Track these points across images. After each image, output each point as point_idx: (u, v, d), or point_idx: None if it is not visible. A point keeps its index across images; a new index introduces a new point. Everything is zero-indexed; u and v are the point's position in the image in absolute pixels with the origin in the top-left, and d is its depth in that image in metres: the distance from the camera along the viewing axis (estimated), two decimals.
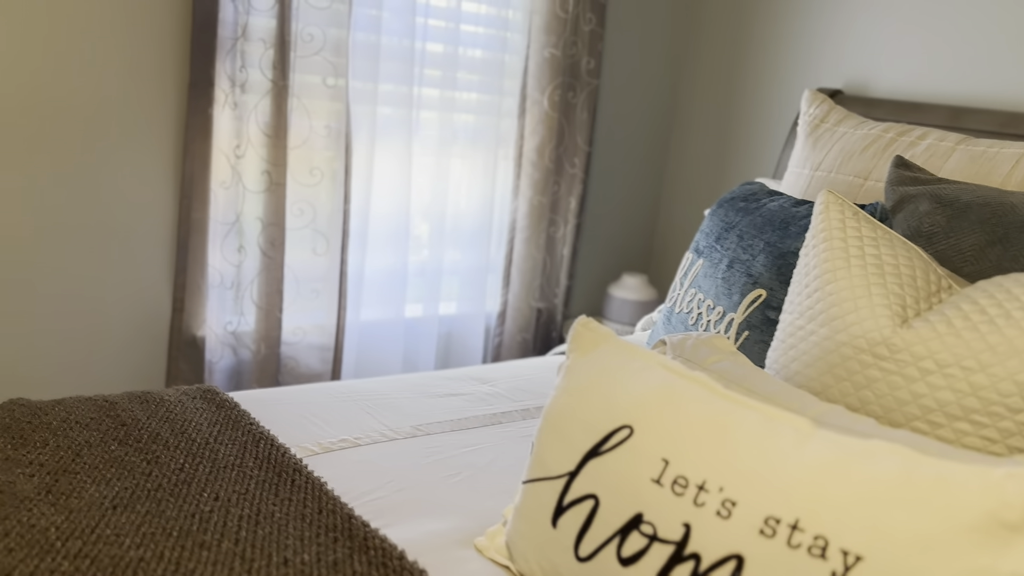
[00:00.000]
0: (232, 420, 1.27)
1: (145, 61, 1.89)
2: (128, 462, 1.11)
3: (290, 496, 1.07)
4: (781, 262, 1.28)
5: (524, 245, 2.50)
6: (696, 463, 0.81)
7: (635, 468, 0.84)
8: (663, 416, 0.86)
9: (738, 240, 1.37)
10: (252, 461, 1.15)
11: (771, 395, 0.98)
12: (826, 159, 1.58)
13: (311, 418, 1.37)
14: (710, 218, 1.50)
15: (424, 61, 2.23)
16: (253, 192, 2.00)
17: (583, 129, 2.49)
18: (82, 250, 1.91)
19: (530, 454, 0.99)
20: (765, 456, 0.79)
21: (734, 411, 0.84)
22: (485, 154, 2.40)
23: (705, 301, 1.37)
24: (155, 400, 1.31)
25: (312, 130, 2.05)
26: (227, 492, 1.06)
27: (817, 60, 2.34)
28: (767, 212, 1.38)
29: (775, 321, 1.26)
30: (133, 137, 1.91)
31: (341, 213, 2.12)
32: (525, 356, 2.62)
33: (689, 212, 2.76)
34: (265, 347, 2.08)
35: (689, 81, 2.75)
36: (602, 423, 0.90)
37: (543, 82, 2.39)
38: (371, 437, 1.32)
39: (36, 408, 1.25)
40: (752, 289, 1.29)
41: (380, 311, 2.34)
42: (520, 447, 1.34)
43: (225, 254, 2.01)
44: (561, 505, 0.90)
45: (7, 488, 1.03)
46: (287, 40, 1.93)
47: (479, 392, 1.58)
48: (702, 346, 1.08)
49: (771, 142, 2.49)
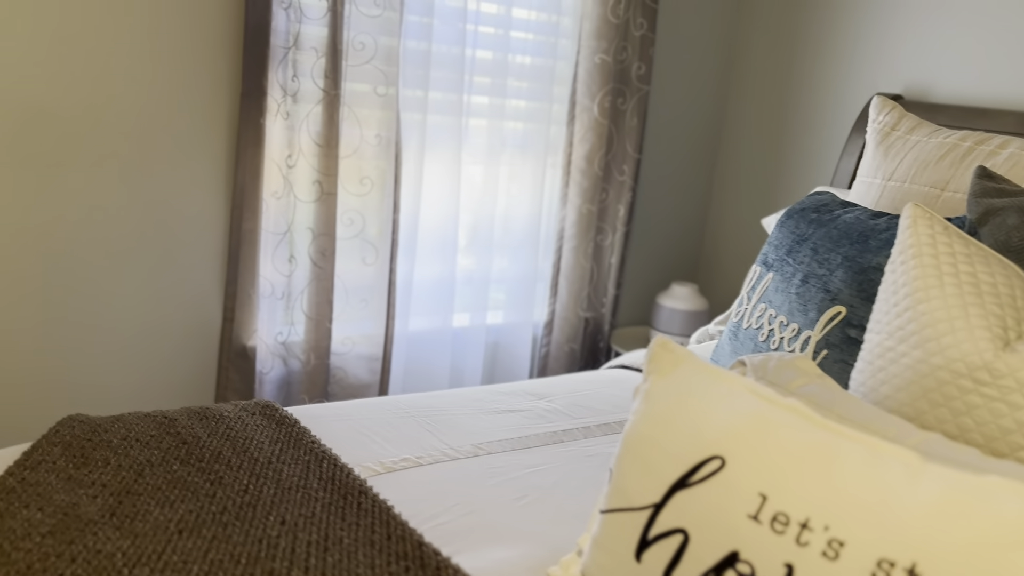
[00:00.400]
0: (293, 438, 1.24)
1: (198, 71, 1.88)
2: (191, 483, 1.09)
3: (357, 520, 1.04)
4: (862, 277, 1.22)
5: (572, 254, 2.46)
6: (797, 499, 0.76)
7: (729, 502, 0.80)
8: (758, 447, 0.81)
9: (812, 253, 1.32)
10: (316, 482, 1.12)
11: (865, 422, 0.93)
12: (899, 168, 1.52)
13: (371, 435, 1.34)
14: (779, 229, 1.45)
15: (474, 68, 2.20)
16: (304, 202, 1.99)
17: (633, 136, 2.44)
18: (134, 260, 1.91)
19: (608, 482, 0.95)
20: (874, 493, 0.74)
21: (835, 442, 0.79)
22: (534, 161, 2.37)
23: (777, 317, 1.32)
24: (214, 416, 1.29)
25: (363, 139, 2.03)
26: (293, 516, 1.03)
27: (874, 64, 2.27)
28: (843, 224, 1.32)
29: (856, 340, 1.21)
30: (185, 147, 1.90)
31: (390, 222, 2.10)
32: (572, 366, 2.57)
33: (739, 220, 2.70)
34: (315, 358, 2.07)
35: (740, 86, 2.69)
36: (689, 453, 0.85)
37: (593, 88, 2.35)
38: (432, 456, 1.29)
39: (96, 425, 1.23)
40: (830, 306, 1.24)
41: (428, 321, 2.31)
42: (584, 468, 1.30)
43: (276, 264, 1.99)
44: (646, 539, 0.86)
45: (71, 510, 1.01)
46: (339, 48, 1.91)
47: (537, 408, 1.54)
48: (786, 368, 1.03)
49: (826, 149, 2.42)
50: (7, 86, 1.70)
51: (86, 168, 1.81)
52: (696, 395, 0.90)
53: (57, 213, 1.80)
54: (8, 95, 1.70)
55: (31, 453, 1.14)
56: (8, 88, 1.70)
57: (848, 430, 0.80)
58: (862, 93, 2.31)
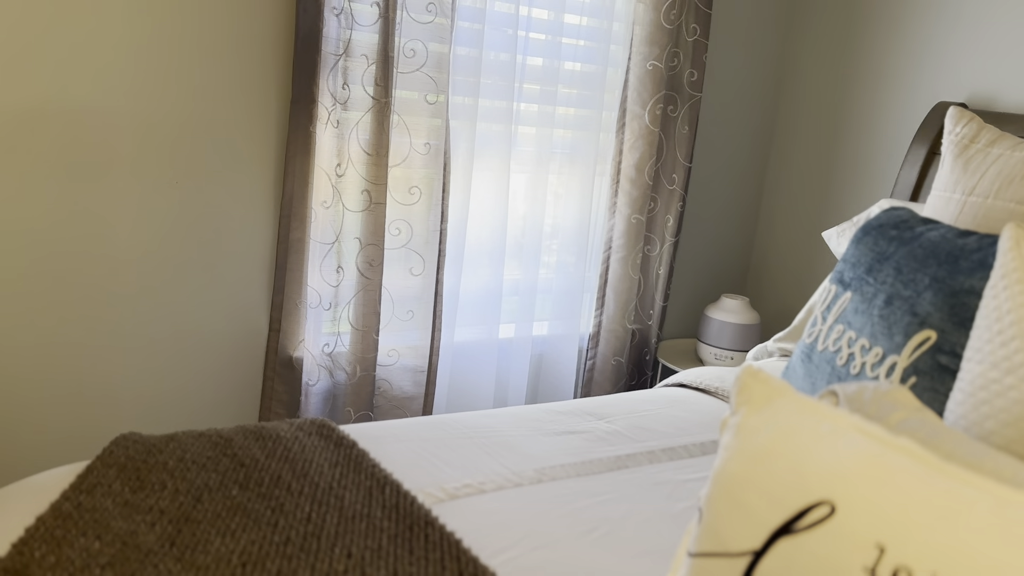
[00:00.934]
0: (352, 461, 1.20)
1: (248, 79, 1.84)
2: (252, 510, 1.05)
3: (426, 554, 0.99)
4: (953, 301, 1.15)
5: (619, 264, 2.40)
6: (921, 552, 0.70)
7: (842, 553, 0.74)
8: (872, 493, 0.75)
9: (896, 273, 1.25)
10: (380, 510, 1.07)
11: (975, 462, 0.86)
12: (981, 183, 1.45)
13: (430, 458, 1.30)
14: (855, 246, 1.38)
15: (524, 75, 2.15)
16: (352, 211, 1.95)
17: (683, 144, 2.38)
18: (182, 269, 1.88)
19: (697, 522, 0.89)
20: (1006, 549, 0.67)
21: (959, 490, 0.73)
22: (582, 170, 2.31)
23: (858, 340, 1.26)
24: (271, 436, 1.25)
25: (412, 147, 1.98)
26: (360, 548, 0.98)
27: (935, 72, 2.19)
28: (927, 243, 1.26)
29: (949, 368, 1.14)
30: (234, 156, 1.87)
31: (437, 232, 2.06)
32: (618, 380, 2.51)
33: (792, 231, 2.63)
34: (360, 369, 2.02)
35: (793, 93, 2.61)
36: (792, 496, 0.79)
37: (644, 96, 2.29)
38: (495, 482, 1.24)
39: (150, 445, 1.20)
40: (919, 330, 1.17)
41: (474, 332, 2.26)
42: (653, 497, 1.25)
43: (323, 274, 1.96)
44: None
45: (130, 539, 0.97)
46: (390, 56, 1.87)
47: (597, 430, 1.49)
48: (883, 400, 0.96)
49: (884, 160, 2.34)
50: (56, 93, 1.67)
51: (135, 176, 1.79)
52: (796, 432, 0.84)
53: (106, 221, 1.78)
54: (57, 102, 1.68)
55: (86, 476, 1.10)
56: (57, 95, 1.68)
57: (971, 475, 0.74)
58: (923, 101, 2.23)
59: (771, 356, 1.93)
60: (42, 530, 0.97)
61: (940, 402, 1.14)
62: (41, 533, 0.96)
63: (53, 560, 0.92)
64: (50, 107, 1.68)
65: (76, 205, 1.74)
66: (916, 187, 2.11)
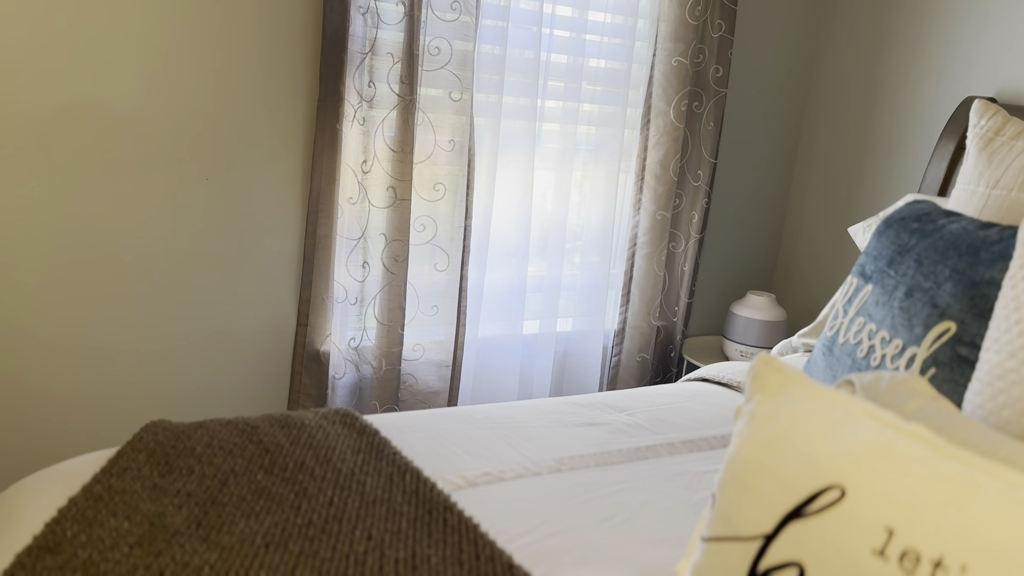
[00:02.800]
0: (375, 448, 1.22)
1: (276, 77, 1.88)
2: (276, 494, 1.08)
3: (444, 538, 1.01)
4: (973, 292, 1.15)
5: (644, 261, 2.40)
6: (929, 535, 0.70)
7: (851, 536, 0.74)
8: (882, 477, 0.75)
9: (916, 265, 1.24)
10: (400, 495, 1.09)
11: (990, 450, 0.86)
12: (1005, 176, 1.44)
13: (451, 447, 1.32)
14: (877, 239, 1.38)
15: (548, 72, 2.16)
16: (378, 208, 1.98)
17: (709, 140, 2.37)
18: (211, 264, 1.92)
19: (710, 507, 0.90)
20: (1015, 532, 0.68)
21: (969, 474, 0.73)
22: (607, 167, 2.32)
23: (879, 332, 1.25)
24: (296, 424, 1.27)
25: (436, 144, 2.01)
26: (379, 531, 1.01)
27: (964, 66, 2.16)
28: (948, 235, 1.25)
29: (968, 359, 1.13)
30: (262, 153, 1.91)
31: (462, 228, 2.08)
32: (643, 376, 2.51)
33: (819, 227, 2.61)
34: (386, 363, 2.05)
35: (820, 89, 2.60)
36: (803, 481, 0.80)
37: (669, 92, 2.29)
38: (514, 471, 1.26)
39: (179, 431, 1.23)
40: (938, 321, 1.16)
41: (498, 328, 2.28)
42: (672, 487, 1.25)
43: (350, 270, 1.99)
44: (755, 571, 0.81)
45: (158, 520, 1.00)
46: (415, 53, 1.90)
47: (617, 422, 1.50)
48: (899, 389, 0.96)
49: (912, 155, 2.32)
50: (88, 93, 1.72)
51: (165, 173, 1.83)
52: (808, 419, 0.85)
53: (134, 216, 1.83)
54: (90, 102, 1.73)
55: (116, 460, 1.14)
56: (90, 95, 1.73)
57: (981, 460, 0.74)
58: (951, 96, 2.21)
59: (796, 352, 1.92)
60: (74, 510, 1.00)
61: (960, 393, 1.14)
62: (73, 513, 1.00)
63: (84, 539, 0.95)
64: (83, 107, 1.72)
65: (109, 202, 1.79)
66: (944, 182, 2.09)
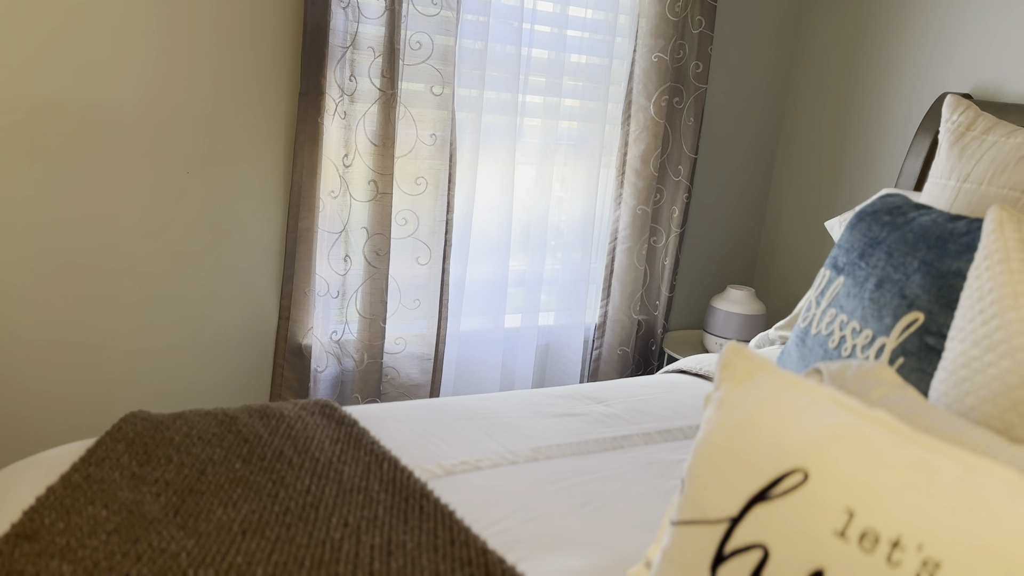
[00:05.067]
0: (353, 438, 1.23)
1: (257, 71, 1.89)
2: (254, 482, 1.09)
3: (420, 524, 1.02)
4: (941, 283, 1.17)
5: (625, 255, 2.42)
6: (888, 516, 0.72)
7: (813, 518, 0.76)
8: (844, 461, 0.77)
9: (887, 257, 1.27)
10: (378, 484, 1.11)
11: (952, 435, 0.88)
12: (975, 170, 1.46)
13: (429, 437, 1.33)
14: (849, 232, 1.40)
15: (529, 67, 2.18)
16: (360, 201, 1.98)
17: (689, 135, 2.39)
18: (192, 258, 1.92)
19: (679, 492, 0.92)
20: (972, 512, 0.70)
21: (928, 457, 0.75)
22: (588, 162, 2.34)
23: (849, 323, 1.28)
24: (275, 415, 1.28)
25: (418, 139, 2.02)
26: (356, 518, 1.02)
27: (941, 63, 2.19)
28: (918, 227, 1.27)
29: (935, 348, 1.16)
30: (243, 146, 1.92)
31: (444, 222, 2.09)
32: (624, 370, 2.54)
33: (798, 222, 2.64)
34: (368, 357, 2.06)
35: (800, 85, 2.62)
36: (769, 465, 0.82)
37: (649, 88, 2.31)
38: (492, 460, 1.27)
39: (158, 422, 1.24)
40: (907, 312, 1.19)
41: (480, 321, 2.29)
42: (646, 475, 1.27)
43: (331, 263, 2.00)
44: (722, 553, 0.82)
45: (135, 508, 1.01)
46: (396, 48, 1.90)
47: (595, 413, 1.52)
48: (865, 377, 0.98)
49: (890, 151, 2.35)
50: (68, 87, 1.72)
51: (145, 166, 1.83)
52: (774, 405, 0.87)
53: (116, 211, 1.83)
54: (70, 96, 1.73)
55: (95, 450, 1.14)
56: (70, 89, 1.72)
57: (940, 444, 0.76)
58: (928, 92, 2.24)
59: (773, 344, 1.95)
60: (52, 499, 1.01)
61: (927, 382, 1.16)
62: (51, 502, 1.00)
63: (62, 526, 0.96)
64: (63, 101, 1.72)
65: (90, 196, 1.79)
66: (920, 177, 2.12)
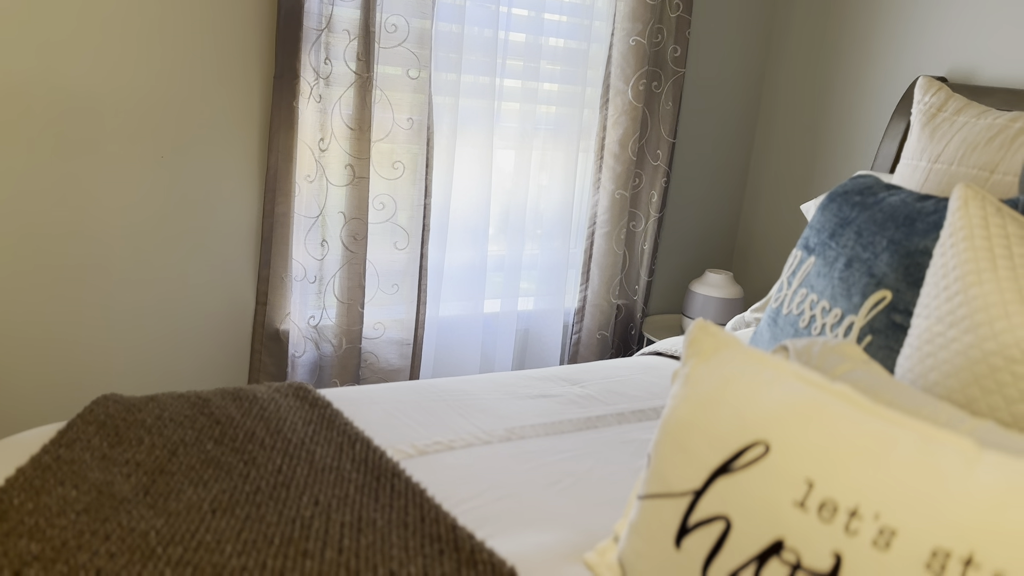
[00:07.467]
0: (326, 419, 1.23)
1: (231, 54, 1.87)
2: (225, 463, 1.09)
3: (391, 502, 1.02)
4: (908, 261, 1.19)
5: (604, 240, 2.43)
6: (846, 486, 0.74)
7: (774, 489, 0.77)
8: (804, 433, 0.78)
9: (856, 237, 1.28)
10: (350, 463, 1.11)
11: (914, 409, 0.89)
12: (946, 151, 1.48)
13: (403, 418, 1.33)
14: (821, 213, 1.41)
15: (507, 51, 2.17)
16: (336, 186, 1.98)
17: (667, 120, 2.40)
18: (167, 243, 1.91)
19: (646, 467, 0.92)
20: (928, 481, 0.71)
21: (886, 429, 0.76)
22: (566, 146, 2.34)
23: (820, 303, 1.29)
24: (248, 397, 1.28)
25: (395, 123, 2.01)
26: (327, 496, 1.02)
27: (917, 46, 2.21)
28: (888, 207, 1.29)
29: (902, 326, 1.17)
30: (218, 130, 1.90)
31: (421, 207, 2.09)
32: (604, 354, 2.55)
33: (776, 206, 2.65)
34: (346, 341, 2.06)
35: (778, 69, 2.63)
36: (732, 438, 0.83)
37: (627, 72, 2.31)
38: (465, 440, 1.28)
39: (130, 404, 1.23)
40: (875, 290, 1.20)
41: (459, 306, 2.30)
42: (619, 454, 1.28)
43: (308, 248, 1.99)
44: (686, 525, 0.83)
45: (106, 488, 1.01)
46: (371, 31, 1.90)
47: (569, 394, 1.52)
48: (831, 353, 0.99)
49: (867, 134, 2.37)
50: (41, 72, 1.70)
51: (119, 150, 1.82)
52: (739, 379, 0.88)
53: (91, 196, 1.81)
54: (43, 81, 1.71)
55: (66, 431, 1.14)
56: (41, 74, 1.71)
57: (899, 416, 0.78)
58: (905, 76, 2.25)
59: (748, 326, 1.96)
60: (21, 480, 1.01)
61: (894, 359, 1.18)
62: (21, 483, 1.00)
63: (31, 506, 0.95)
64: (33, 85, 1.71)
65: (64, 181, 1.78)
66: (896, 159, 2.13)
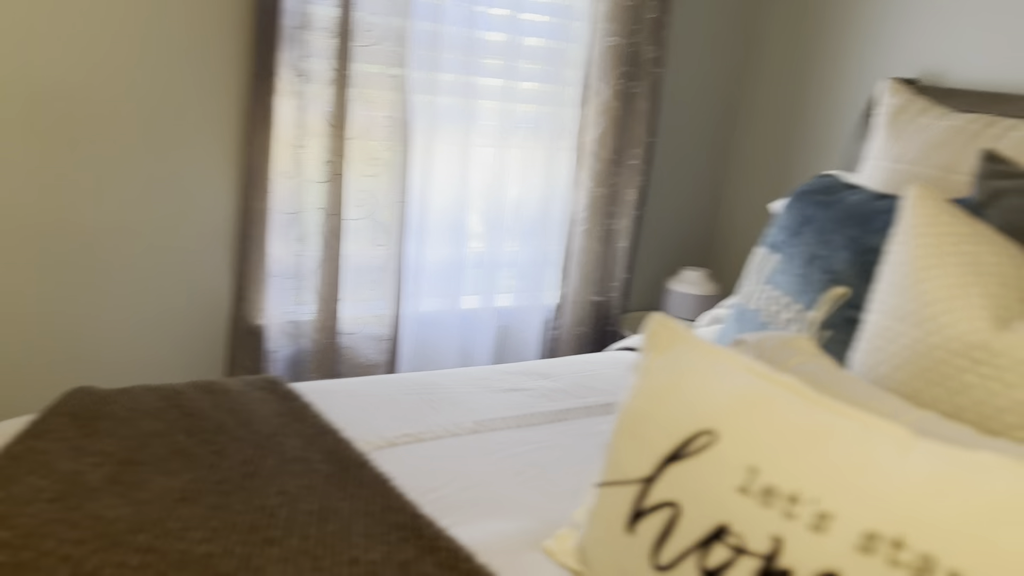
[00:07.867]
0: (296, 412, 1.26)
1: (208, 51, 1.89)
2: (194, 453, 1.11)
3: (356, 492, 1.05)
4: (864, 259, 1.22)
5: (583, 237, 2.46)
6: (787, 473, 0.77)
7: (719, 476, 0.80)
8: (749, 422, 0.81)
9: (816, 235, 1.31)
10: (317, 455, 1.13)
11: (861, 401, 0.92)
12: (907, 151, 1.51)
13: (373, 411, 1.36)
14: (786, 211, 1.44)
15: (485, 50, 2.19)
16: (314, 183, 2.00)
17: (645, 119, 2.43)
18: (145, 239, 1.93)
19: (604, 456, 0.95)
20: (864, 468, 0.74)
21: (827, 419, 0.79)
22: (545, 145, 2.36)
23: (782, 299, 1.32)
24: (220, 390, 1.30)
25: (373, 120, 2.03)
26: (293, 486, 1.04)
27: (889, 48, 2.24)
28: (847, 206, 1.32)
29: (858, 321, 1.20)
30: (195, 127, 1.92)
31: (400, 204, 2.11)
32: (582, 350, 2.57)
33: (752, 205, 2.69)
34: (324, 337, 2.08)
35: (754, 70, 2.67)
36: (682, 427, 0.86)
37: (606, 71, 2.33)
38: (434, 432, 1.30)
39: (102, 396, 1.25)
40: (832, 287, 1.23)
41: (437, 303, 2.32)
42: (585, 446, 1.31)
43: (286, 244, 2.01)
44: (638, 511, 0.86)
45: (76, 478, 1.03)
46: (349, 29, 1.91)
47: (541, 388, 1.55)
48: (784, 347, 1.03)
49: (840, 134, 2.40)
50: (16, 67, 1.72)
51: (96, 147, 1.83)
52: (692, 371, 0.91)
53: (68, 192, 1.83)
54: (17, 76, 1.72)
55: (38, 423, 1.16)
56: (17, 69, 1.72)
57: (841, 406, 0.81)
58: (877, 77, 2.29)
59: (721, 323, 1.99)
60: None
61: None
62: None
63: (1, 495, 0.97)
64: (7, 79, 1.72)
65: (38, 176, 1.79)
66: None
